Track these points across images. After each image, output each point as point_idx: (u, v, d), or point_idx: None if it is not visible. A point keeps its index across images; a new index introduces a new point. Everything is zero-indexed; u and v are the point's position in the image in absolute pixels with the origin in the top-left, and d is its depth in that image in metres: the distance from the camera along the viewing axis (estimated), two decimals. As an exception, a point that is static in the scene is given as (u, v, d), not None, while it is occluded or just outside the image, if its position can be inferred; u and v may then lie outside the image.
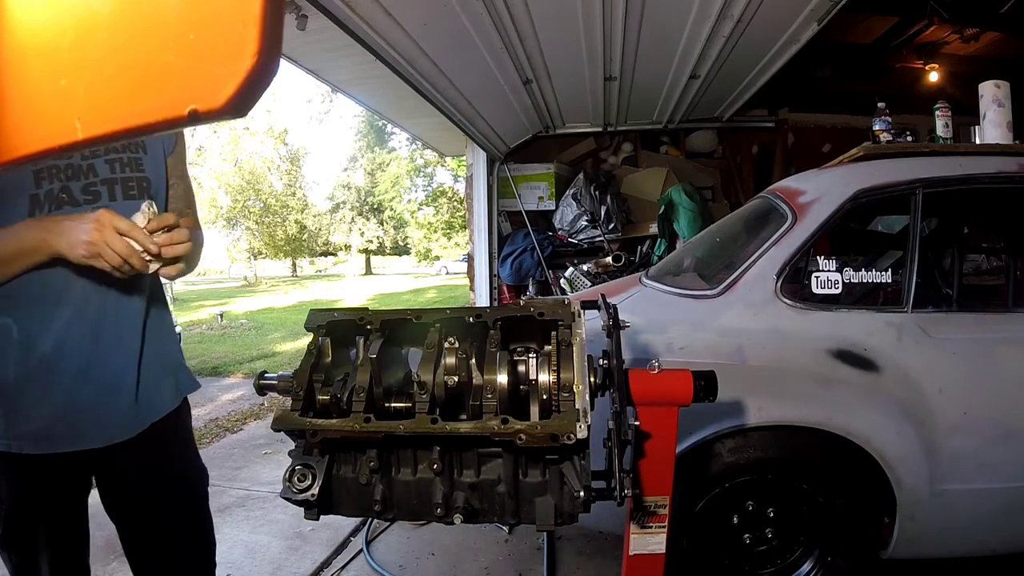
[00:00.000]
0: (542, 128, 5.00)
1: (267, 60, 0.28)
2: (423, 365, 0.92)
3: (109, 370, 1.11)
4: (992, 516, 1.74)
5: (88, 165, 1.09)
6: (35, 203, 1.04)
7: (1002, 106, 2.18)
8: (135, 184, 1.14)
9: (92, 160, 1.09)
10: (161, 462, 1.23)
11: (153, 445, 1.19)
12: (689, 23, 2.99)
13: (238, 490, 3.05)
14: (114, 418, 1.12)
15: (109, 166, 1.11)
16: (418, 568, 2.28)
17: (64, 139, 0.32)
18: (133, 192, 1.13)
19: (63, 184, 1.06)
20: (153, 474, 1.22)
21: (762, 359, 1.74)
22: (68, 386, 1.07)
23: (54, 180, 1.05)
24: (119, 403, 1.13)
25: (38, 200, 1.04)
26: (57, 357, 1.06)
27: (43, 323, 1.05)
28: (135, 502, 1.22)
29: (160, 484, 1.23)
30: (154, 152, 1.20)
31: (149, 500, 1.22)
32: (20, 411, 1.06)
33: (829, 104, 5.24)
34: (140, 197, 1.13)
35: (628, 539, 1.17)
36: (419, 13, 2.56)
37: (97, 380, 1.10)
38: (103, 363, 1.10)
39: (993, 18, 4.35)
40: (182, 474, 1.28)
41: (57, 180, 1.05)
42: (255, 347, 8.26)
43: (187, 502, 1.28)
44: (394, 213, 25.74)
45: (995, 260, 3.01)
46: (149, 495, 1.22)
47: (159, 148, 1.22)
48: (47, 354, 1.06)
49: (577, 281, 4.49)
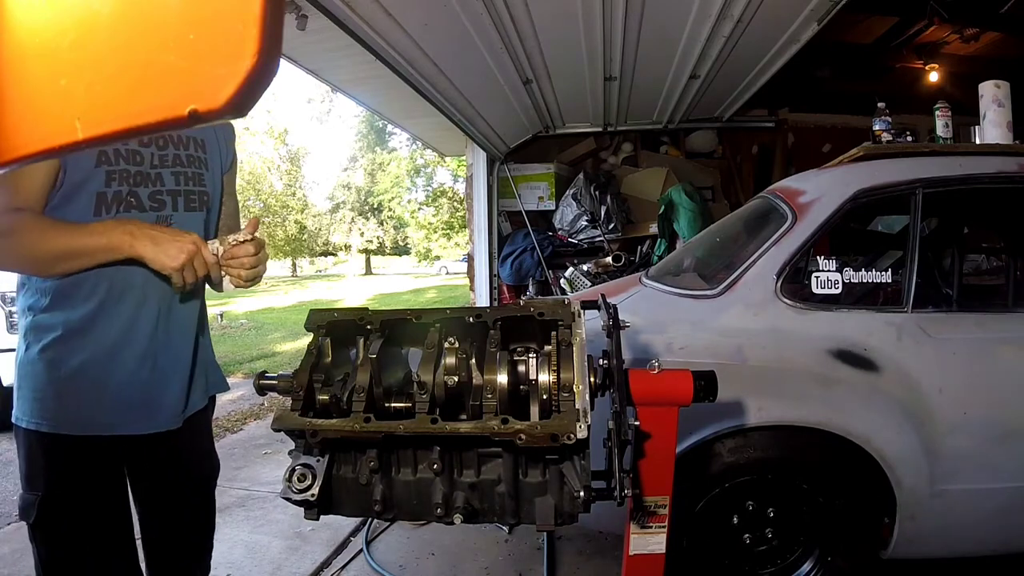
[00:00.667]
0: (542, 128, 5.01)
1: (267, 60, 0.28)
2: (423, 365, 0.92)
3: (167, 361, 1.18)
4: (992, 516, 1.74)
5: (156, 174, 1.15)
6: (102, 202, 1.08)
7: (1002, 106, 2.18)
8: (196, 197, 1.21)
9: (160, 170, 1.15)
10: (192, 458, 1.29)
11: (189, 439, 1.25)
12: (689, 23, 2.99)
13: (238, 490, 3.05)
14: (163, 408, 1.18)
15: (175, 178, 1.18)
16: (418, 568, 2.28)
17: (64, 139, 0.32)
18: (194, 204, 1.21)
19: (131, 189, 1.11)
20: (186, 469, 1.27)
21: (762, 359, 1.74)
22: (127, 375, 1.12)
23: (123, 183, 1.10)
24: (169, 395, 1.18)
25: (105, 199, 1.08)
26: (121, 346, 1.12)
27: (110, 313, 1.11)
28: (166, 495, 1.26)
29: (190, 480, 1.28)
30: (213, 168, 1.27)
31: (179, 495, 1.27)
32: (73, 395, 1.09)
33: (829, 104, 5.24)
34: (199, 209, 1.22)
35: (628, 539, 1.17)
36: (419, 13, 2.56)
37: (153, 371, 1.15)
38: (162, 355, 1.17)
39: (993, 18, 4.35)
40: (209, 471, 1.34)
41: (126, 184, 1.10)
42: (255, 347, 8.26)
43: (208, 499, 1.34)
44: (394, 213, 25.73)
45: (995, 260, 3.01)
46: (180, 490, 1.27)
47: (218, 165, 1.29)
48: (111, 343, 1.11)
49: (577, 281, 4.50)
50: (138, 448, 1.18)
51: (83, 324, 1.09)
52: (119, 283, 1.11)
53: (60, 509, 1.09)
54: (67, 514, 1.10)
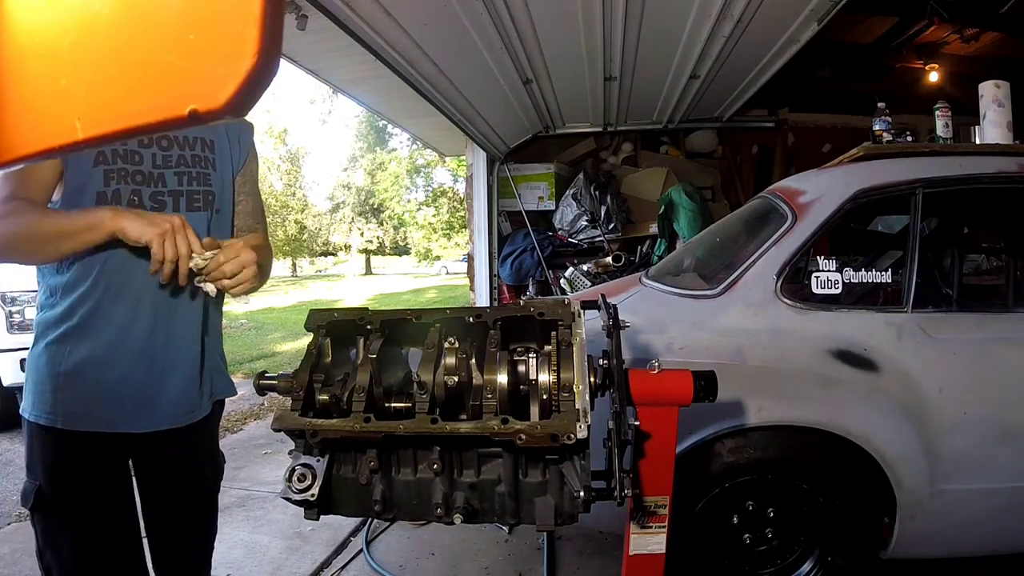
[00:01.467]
0: (542, 128, 5.00)
1: (267, 60, 0.28)
2: (423, 365, 0.92)
3: (166, 362, 1.17)
4: (992, 516, 1.74)
5: (159, 174, 1.14)
6: (102, 201, 1.08)
7: (1002, 106, 2.18)
8: (200, 197, 1.20)
9: (163, 170, 1.15)
10: (196, 459, 1.29)
11: (195, 440, 1.26)
12: (689, 23, 2.99)
13: (238, 490, 3.05)
14: (161, 407, 1.17)
15: (178, 178, 1.17)
16: (418, 568, 2.28)
17: (64, 139, 0.32)
18: (198, 204, 1.20)
19: (133, 188, 1.11)
20: (190, 469, 1.27)
21: (762, 359, 1.74)
22: (123, 373, 1.13)
23: (122, 182, 1.10)
24: (167, 395, 1.18)
25: (105, 198, 1.08)
26: (117, 345, 1.12)
27: (107, 313, 1.11)
28: (170, 494, 1.26)
29: (194, 479, 1.29)
30: (222, 168, 1.26)
31: (182, 494, 1.27)
32: (71, 390, 1.10)
33: (829, 104, 5.24)
34: (204, 210, 1.21)
35: (628, 539, 1.17)
36: (419, 13, 2.56)
37: (151, 371, 1.15)
38: (161, 355, 1.16)
39: (993, 18, 4.35)
40: (213, 474, 1.34)
41: (125, 183, 1.10)
42: (255, 347, 8.27)
43: (211, 501, 1.35)
44: (394, 213, 25.72)
45: (995, 260, 3.01)
46: (184, 489, 1.27)
47: (228, 165, 1.28)
48: (108, 341, 1.11)
49: (577, 281, 4.50)
50: (140, 446, 1.18)
51: (82, 322, 1.10)
52: (116, 283, 1.11)
53: (57, 498, 1.11)
54: (64, 504, 1.11)
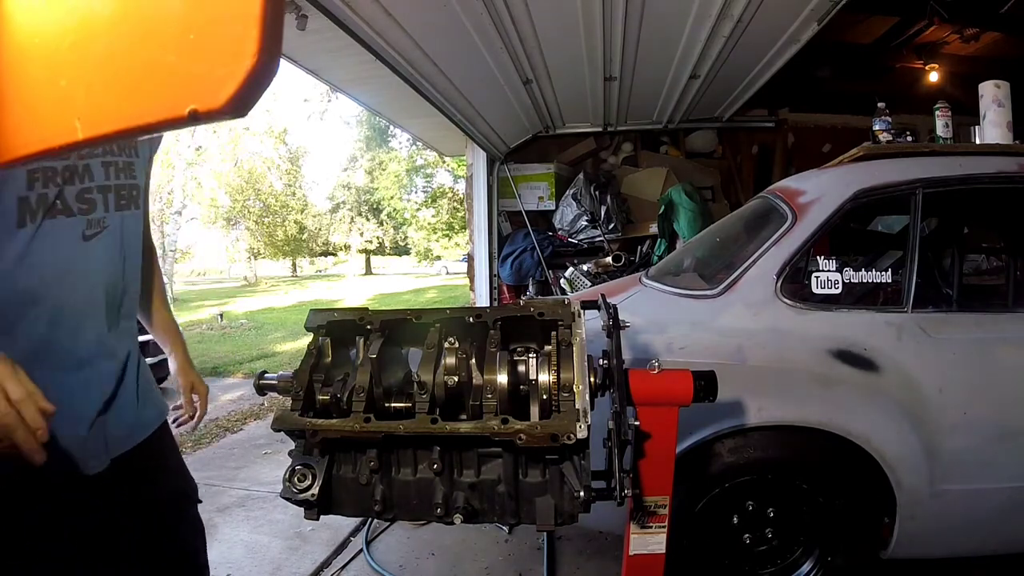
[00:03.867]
0: (542, 128, 5.01)
1: (267, 60, 0.28)
2: (423, 365, 0.92)
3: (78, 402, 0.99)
4: (992, 516, 1.74)
5: (84, 166, 1.00)
6: (26, 208, 0.92)
7: (1002, 106, 2.18)
8: (127, 193, 1.08)
9: (89, 160, 1.01)
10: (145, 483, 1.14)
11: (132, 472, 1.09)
12: (689, 23, 2.99)
13: (238, 490, 3.05)
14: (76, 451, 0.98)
15: (104, 170, 1.04)
16: (418, 568, 2.28)
17: (64, 139, 0.32)
18: (124, 202, 1.07)
19: (59, 188, 0.96)
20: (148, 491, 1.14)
21: (762, 359, 1.74)
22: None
23: (49, 184, 0.94)
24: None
25: (29, 205, 0.92)
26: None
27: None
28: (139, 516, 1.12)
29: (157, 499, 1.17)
30: (144, 156, 1.14)
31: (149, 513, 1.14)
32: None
33: (829, 104, 5.24)
34: (129, 208, 1.08)
35: (628, 539, 1.17)
36: (419, 13, 2.56)
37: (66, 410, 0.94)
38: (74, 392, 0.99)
39: (993, 18, 4.35)
40: (177, 487, 1.24)
41: (53, 184, 0.95)
42: (255, 347, 8.26)
43: (186, 513, 1.25)
44: (394, 213, 25.72)
45: (995, 260, 3.01)
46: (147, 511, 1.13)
47: (147, 148, 1.16)
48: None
49: (577, 281, 4.49)
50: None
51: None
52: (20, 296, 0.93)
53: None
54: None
